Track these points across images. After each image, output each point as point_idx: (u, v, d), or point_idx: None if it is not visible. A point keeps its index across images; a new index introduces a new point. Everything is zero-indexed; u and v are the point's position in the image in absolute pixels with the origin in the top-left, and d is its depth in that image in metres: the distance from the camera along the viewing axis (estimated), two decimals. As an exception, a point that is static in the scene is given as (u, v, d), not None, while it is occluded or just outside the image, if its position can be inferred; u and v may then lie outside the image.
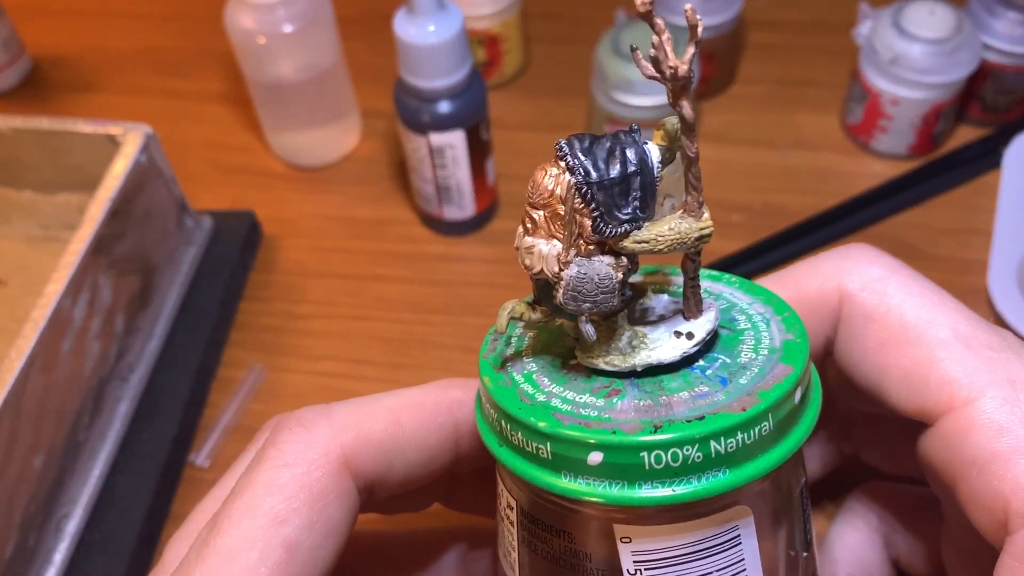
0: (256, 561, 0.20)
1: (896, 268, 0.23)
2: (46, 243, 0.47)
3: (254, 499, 0.21)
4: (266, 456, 0.21)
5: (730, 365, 0.20)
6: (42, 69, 0.62)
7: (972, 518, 0.20)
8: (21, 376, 0.34)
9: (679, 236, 0.20)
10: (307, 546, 0.20)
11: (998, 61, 0.50)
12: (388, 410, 0.23)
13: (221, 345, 0.46)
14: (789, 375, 0.19)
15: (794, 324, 0.21)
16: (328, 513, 0.21)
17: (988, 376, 0.20)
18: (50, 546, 0.37)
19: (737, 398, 0.19)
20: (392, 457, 0.22)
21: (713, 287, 0.23)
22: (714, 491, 0.18)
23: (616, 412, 0.19)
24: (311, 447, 0.21)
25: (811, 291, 0.23)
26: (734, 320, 0.21)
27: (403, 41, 0.42)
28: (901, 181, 0.50)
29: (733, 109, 0.55)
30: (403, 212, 0.52)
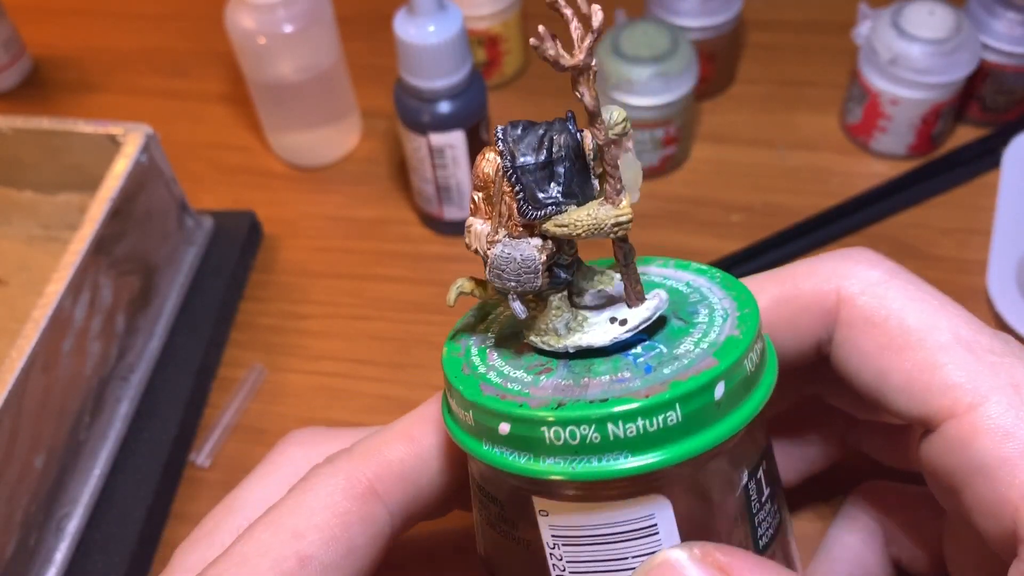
0: (267, 568, 0.20)
1: (896, 272, 0.23)
2: (47, 243, 0.47)
3: (277, 518, 0.21)
4: (296, 488, 0.22)
5: (664, 355, 0.20)
6: (43, 69, 0.62)
7: (978, 525, 0.20)
8: (22, 376, 0.34)
9: (595, 222, 0.20)
10: (322, 562, 0.21)
11: (997, 61, 0.50)
12: (401, 432, 0.23)
13: (221, 345, 0.46)
14: (709, 369, 0.19)
15: (746, 321, 0.20)
16: (349, 534, 0.21)
17: (992, 381, 0.20)
18: (51, 546, 0.37)
19: (648, 386, 0.19)
20: (418, 474, 0.23)
21: (695, 280, 0.23)
22: (612, 474, 0.18)
23: (537, 388, 0.20)
24: (335, 476, 0.22)
25: (807, 291, 0.23)
26: (695, 313, 0.21)
27: (403, 41, 0.42)
28: (900, 181, 0.50)
29: (733, 109, 0.55)
30: (403, 212, 0.52)
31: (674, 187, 0.51)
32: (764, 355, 0.21)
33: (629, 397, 0.18)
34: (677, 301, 0.22)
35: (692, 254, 0.47)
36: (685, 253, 0.48)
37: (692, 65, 0.48)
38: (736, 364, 0.19)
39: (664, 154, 0.51)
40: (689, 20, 0.51)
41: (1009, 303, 0.43)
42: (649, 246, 0.24)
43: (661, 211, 0.50)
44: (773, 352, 0.21)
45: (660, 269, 0.24)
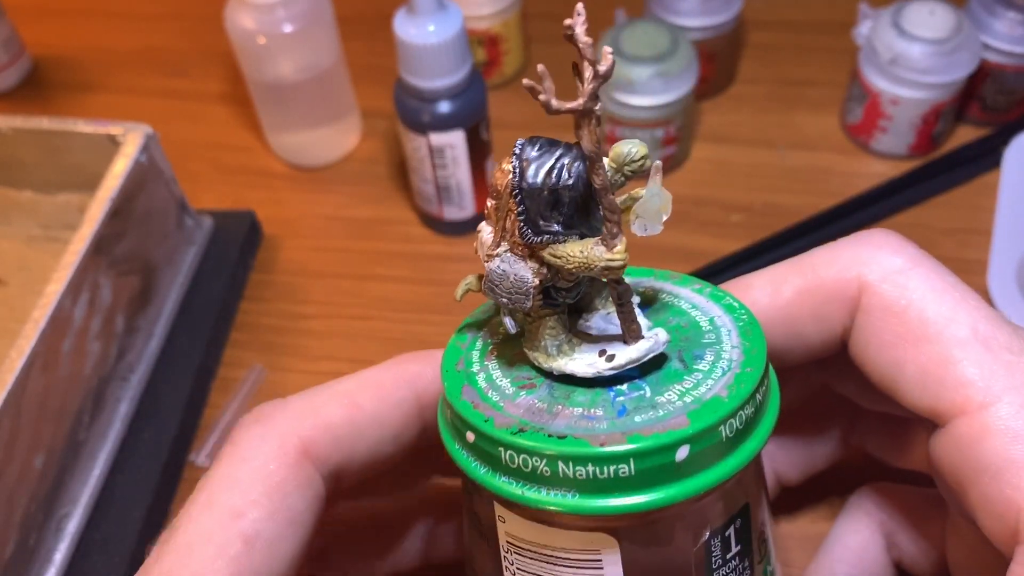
0: (213, 554, 0.20)
1: (919, 259, 0.22)
2: (46, 243, 0.47)
3: (211, 495, 0.21)
4: (224, 453, 0.22)
5: (644, 400, 0.19)
6: (42, 69, 0.62)
7: (982, 524, 0.20)
8: (21, 376, 0.34)
9: (585, 261, 0.19)
10: (267, 537, 0.20)
11: (998, 61, 0.50)
12: (344, 394, 0.23)
13: (221, 345, 0.46)
14: (677, 429, 0.18)
15: (742, 382, 0.19)
16: (288, 503, 0.21)
17: (1006, 381, 0.20)
18: (50, 546, 0.37)
19: (610, 432, 0.18)
20: (354, 440, 0.22)
21: (721, 318, 0.22)
22: (557, 507, 0.19)
23: (512, 404, 0.20)
24: (266, 440, 0.21)
25: (829, 279, 0.23)
26: (699, 358, 0.20)
27: (403, 41, 0.42)
28: (901, 181, 0.50)
29: (733, 109, 0.55)
30: (403, 212, 0.52)
31: (674, 187, 0.51)
32: (754, 418, 0.19)
33: (585, 441, 0.18)
34: (691, 338, 0.21)
35: (692, 254, 0.47)
36: (685, 253, 0.48)
37: (692, 65, 0.48)
38: (708, 429, 0.18)
39: (664, 154, 0.50)
40: (689, 20, 0.51)
41: (1009, 303, 0.43)
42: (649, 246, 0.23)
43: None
44: (772, 413, 0.20)
45: (693, 295, 0.23)
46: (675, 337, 0.21)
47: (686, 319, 0.22)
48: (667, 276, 0.24)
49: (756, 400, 0.19)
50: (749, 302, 0.24)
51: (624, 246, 0.19)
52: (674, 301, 0.23)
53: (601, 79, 0.18)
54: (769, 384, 0.21)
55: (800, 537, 0.34)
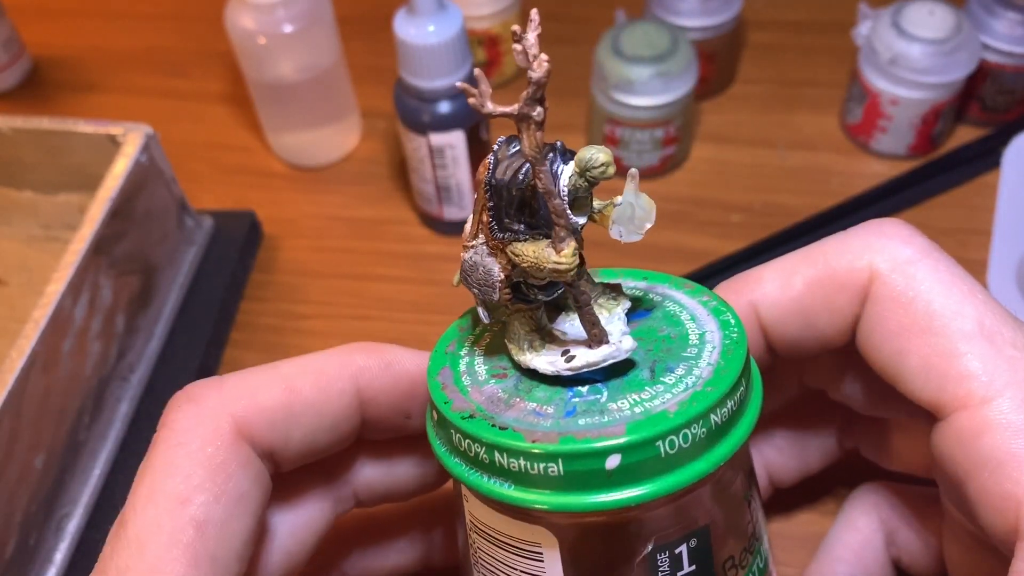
0: (167, 544, 0.20)
1: (928, 251, 0.22)
2: (47, 243, 0.47)
3: (155, 484, 0.21)
4: (159, 438, 0.21)
5: (597, 405, 0.19)
6: (42, 69, 0.62)
7: (981, 518, 0.20)
8: (22, 376, 0.34)
9: (535, 262, 0.19)
10: (216, 521, 0.20)
11: (997, 61, 0.50)
12: (283, 377, 0.22)
13: (221, 345, 0.46)
14: (610, 437, 0.18)
15: (695, 400, 0.19)
16: (232, 484, 0.21)
17: (1008, 376, 0.20)
18: (51, 546, 0.37)
19: (548, 431, 0.19)
20: (289, 426, 0.22)
21: (712, 334, 0.21)
22: (492, 495, 0.19)
23: (477, 391, 0.21)
24: (202, 422, 0.21)
25: (840, 269, 0.23)
26: (671, 371, 0.20)
27: (403, 41, 0.42)
28: (901, 181, 0.50)
29: (732, 109, 0.55)
30: (403, 212, 0.52)
31: (674, 187, 0.51)
32: (707, 439, 0.19)
33: (521, 435, 0.19)
34: (673, 350, 0.21)
35: (692, 254, 0.47)
36: (685, 253, 0.48)
37: (692, 65, 0.48)
38: (643, 442, 0.18)
39: (664, 154, 0.51)
40: (689, 20, 0.51)
41: (1009, 303, 0.43)
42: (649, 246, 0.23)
43: (661, 211, 0.49)
44: (734, 439, 0.20)
45: (697, 306, 0.22)
46: (658, 347, 0.21)
47: (678, 330, 0.22)
48: (681, 285, 0.24)
49: (710, 421, 0.19)
50: (761, 294, 0.24)
51: (571, 250, 0.19)
52: (676, 311, 0.22)
53: (534, 85, 0.18)
54: (738, 407, 0.20)
55: (800, 536, 0.34)
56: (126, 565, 0.20)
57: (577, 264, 0.20)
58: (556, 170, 0.19)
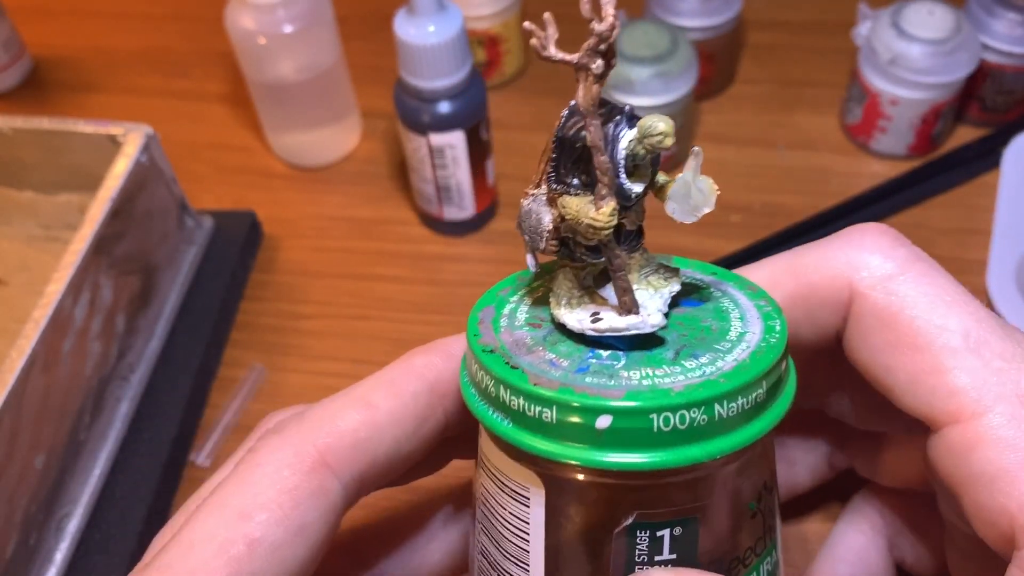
0: (214, 553, 0.20)
1: (910, 262, 0.22)
2: (47, 243, 0.47)
3: (223, 497, 0.21)
4: (242, 461, 0.22)
5: (611, 369, 0.20)
6: (43, 69, 0.62)
7: (977, 530, 0.20)
8: (22, 376, 0.34)
9: (575, 217, 0.20)
10: (271, 542, 0.20)
11: (997, 61, 0.50)
12: (358, 398, 0.23)
13: (222, 345, 0.46)
14: (604, 398, 0.19)
15: (705, 387, 0.19)
16: (298, 511, 0.21)
17: (997, 389, 0.20)
18: (51, 545, 0.37)
19: (552, 379, 0.19)
20: (374, 442, 0.22)
21: (752, 336, 0.21)
22: (493, 427, 0.20)
23: (508, 332, 0.22)
24: (282, 448, 0.21)
25: (820, 284, 0.23)
26: (692, 358, 0.20)
27: (403, 41, 0.42)
28: (900, 181, 0.50)
29: (732, 109, 0.55)
30: (403, 212, 0.52)
31: (674, 187, 0.51)
32: (707, 426, 0.19)
33: (527, 376, 0.19)
34: (707, 340, 0.21)
35: (692, 254, 0.47)
36: (685, 253, 0.48)
37: (692, 65, 0.48)
38: (637, 411, 0.18)
39: (664, 154, 0.50)
40: (689, 20, 0.51)
41: (1009, 303, 0.43)
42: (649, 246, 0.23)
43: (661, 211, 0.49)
44: (742, 435, 0.19)
45: (751, 307, 0.22)
46: (693, 335, 0.21)
47: (721, 325, 0.21)
48: (745, 286, 0.23)
49: (714, 410, 0.19)
50: None
51: (610, 209, 0.19)
52: (728, 307, 0.22)
53: (597, 37, 0.19)
54: (751, 408, 0.19)
55: (801, 538, 0.34)
56: (169, 562, 0.20)
57: (613, 225, 0.20)
58: (619, 133, 0.19)
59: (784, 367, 0.21)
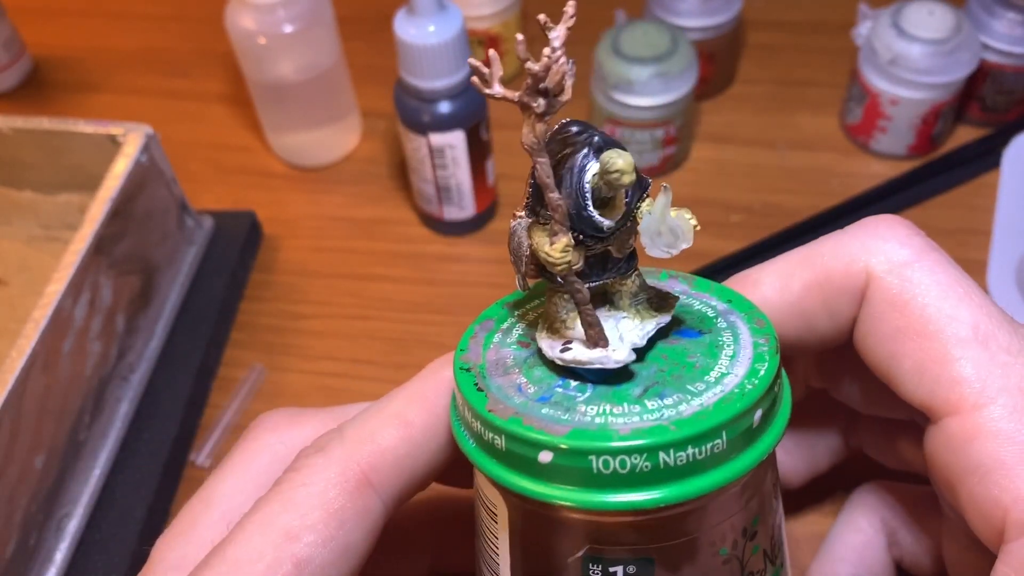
0: (262, 573, 0.20)
1: (925, 251, 0.22)
2: (47, 243, 0.47)
3: (269, 515, 0.21)
4: (285, 479, 0.22)
5: (570, 401, 0.20)
6: (43, 69, 0.62)
7: (970, 523, 0.20)
8: (22, 376, 0.34)
9: (536, 248, 0.20)
10: (318, 563, 0.20)
11: (997, 61, 0.50)
12: (394, 415, 0.23)
13: (222, 345, 0.46)
14: (547, 433, 0.18)
15: (654, 434, 0.18)
16: (344, 531, 0.21)
17: (1001, 382, 0.20)
18: (51, 546, 0.37)
19: (507, 407, 0.19)
20: (413, 459, 0.22)
21: (730, 381, 0.20)
22: (461, 444, 0.21)
23: (496, 350, 0.22)
24: (328, 468, 0.21)
25: (837, 272, 0.23)
26: (659, 397, 0.19)
27: (403, 41, 0.42)
28: (900, 181, 0.50)
29: (732, 109, 0.55)
30: (403, 212, 0.52)
31: (674, 187, 0.51)
32: (651, 474, 0.18)
33: (486, 401, 0.20)
34: (683, 378, 0.20)
35: (692, 254, 0.47)
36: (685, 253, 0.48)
37: (692, 65, 0.48)
38: (576, 452, 0.18)
39: (664, 154, 0.51)
40: (689, 20, 0.51)
41: (1008, 303, 0.43)
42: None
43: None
44: (686, 489, 0.18)
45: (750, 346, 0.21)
46: (672, 371, 0.20)
47: (707, 363, 0.20)
48: (754, 319, 0.22)
49: (658, 458, 0.18)
50: (759, 297, 0.23)
51: (562, 246, 0.19)
52: (725, 343, 0.21)
53: (532, 77, 0.18)
54: (705, 459, 0.19)
55: (801, 536, 0.34)
56: None
57: (566, 261, 0.19)
58: (586, 164, 0.19)
59: (759, 416, 0.19)
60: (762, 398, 0.19)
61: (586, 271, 0.21)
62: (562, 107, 0.19)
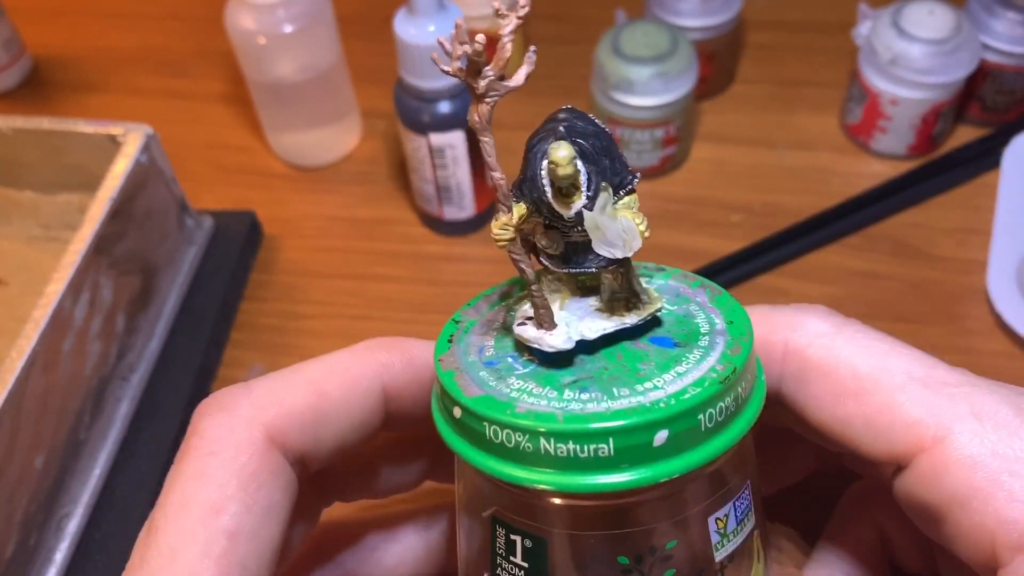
0: (199, 554, 0.20)
1: (844, 323, 0.23)
2: (47, 243, 0.47)
3: (187, 493, 0.21)
4: (191, 446, 0.21)
5: (505, 370, 0.21)
6: (43, 69, 0.62)
7: (961, 555, 0.20)
8: (22, 376, 0.34)
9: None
10: (248, 530, 0.20)
11: (997, 61, 0.50)
12: (311, 382, 0.22)
13: (221, 345, 0.46)
14: (462, 394, 0.20)
15: (536, 418, 0.19)
16: (263, 494, 0.21)
17: (952, 411, 0.20)
18: (51, 545, 0.37)
19: (456, 360, 0.21)
20: (319, 429, 0.22)
21: (654, 394, 0.19)
22: (434, 403, 0.21)
23: (496, 313, 0.23)
24: (234, 431, 0.21)
25: (757, 340, 0.23)
26: (582, 390, 0.19)
27: (403, 41, 0.42)
28: (901, 181, 0.50)
29: (732, 109, 0.55)
30: (403, 212, 0.52)
31: (674, 187, 0.51)
32: (532, 456, 0.19)
33: (445, 351, 0.21)
34: (617, 379, 0.20)
35: (692, 254, 0.47)
36: (685, 253, 0.48)
37: (692, 65, 0.48)
38: (473, 413, 0.19)
39: (664, 154, 0.51)
40: (689, 20, 0.51)
41: (1009, 303, 0.43)
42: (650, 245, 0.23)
43: (661, 211, 0.50)
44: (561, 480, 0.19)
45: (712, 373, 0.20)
46: (614, 371, 0.20)
47: (652, 373, 0.20)
48: (748, 346, 0.21)
49: (540, 443, 0.19)
50: None
51: (500, 224, 0.20)
52: (684, 361, 0.20)
53: (468, 59, 0.19)
54: (590, 460, 0.19)
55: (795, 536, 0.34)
56: (157, 573, 0.20)
57: (506, 238, 0.20)
58: (544, 151, 0.20)
59: (662, 436, 0.19)
60: (666, 420, 0.19)
61: (569, 257, 0.21)
62: (509, 92, 0.19)
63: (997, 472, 0.19)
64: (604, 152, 0.20)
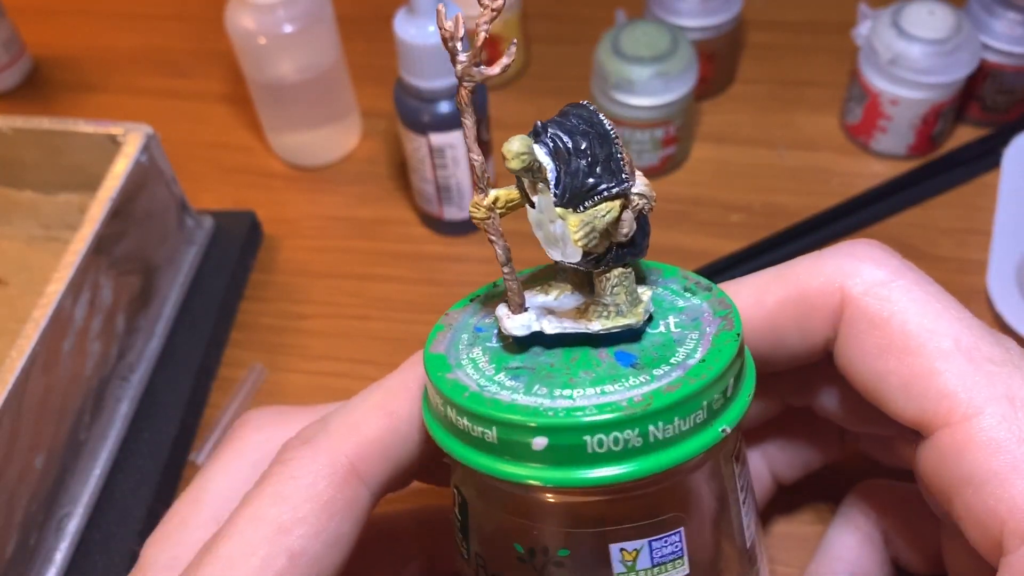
0: (257, 568, 0.20)
1: (901, 271, 0.22)
2: (47, 243, 0.47)
3: (259, 510, 0.21)
4: (272, 472, 0.22)
5: (471, 345, 0.22)
6: (43, 69, 0.62)
7: (967, 534, 0.20)
8: (22, 376, 0.34)
9: None
10: (311, 555, 0.20)
11: (997, 61, 0.50)
12: (377, 406, 0.23)
13: (222, 345, 0.46)
14: (450, 383, 0.20)
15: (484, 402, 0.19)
16: (334, 523, 0.21)
17: (988, 392, 0.20)
18: (51, 545, 0.37)
19: (441, 333, 0.22)
20: (397, 451, 0.23)
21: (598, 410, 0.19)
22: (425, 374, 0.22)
23: (482, 301, 0.24)
24: (316, 460, 0.22)
25: (812, 290, 0.23)
26: (535, 385, 0.20)
27: (403, 41, 0.42)
28: (901, 181, 0.50)
29: (732, 109, 0.55)
30: (403, 212, 0.52)
31: (674, 187, 0.51)
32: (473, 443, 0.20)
33: (439, 328, 0.23)
34: (552, 378, 0.20)
35: (692, 254, 0.47)
36: (685, 253, 0.48)
37: (692, 65, 0.48)
38: (437, 395, 0.21)
39: (664, 154, 0.51)
40: (689, 20, 0.51)
41: (1009, 303, 0.43)
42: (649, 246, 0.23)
43: (661, 211, 0.49)
44: (481, 460, 0.20)
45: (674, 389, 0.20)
46: (558, 369, 0.20)
47: (586, 380, 0.20)
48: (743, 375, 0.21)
49: (457, 422, 0.20)
50: None
51: (472, 202, 0.21)
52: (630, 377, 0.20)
53: (443, 41, 0.20)
54: (507, 444, 0.19)
55: (799, 536, 0.34)
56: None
57: (480, 217, 0.21)
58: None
59: (541, 442, 0.19)
60: (544, 428, 0.19)
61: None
62: (485, 79, 0.20)
63: (1019, 459, 0.19)
64: (584, 154, 0.19)
